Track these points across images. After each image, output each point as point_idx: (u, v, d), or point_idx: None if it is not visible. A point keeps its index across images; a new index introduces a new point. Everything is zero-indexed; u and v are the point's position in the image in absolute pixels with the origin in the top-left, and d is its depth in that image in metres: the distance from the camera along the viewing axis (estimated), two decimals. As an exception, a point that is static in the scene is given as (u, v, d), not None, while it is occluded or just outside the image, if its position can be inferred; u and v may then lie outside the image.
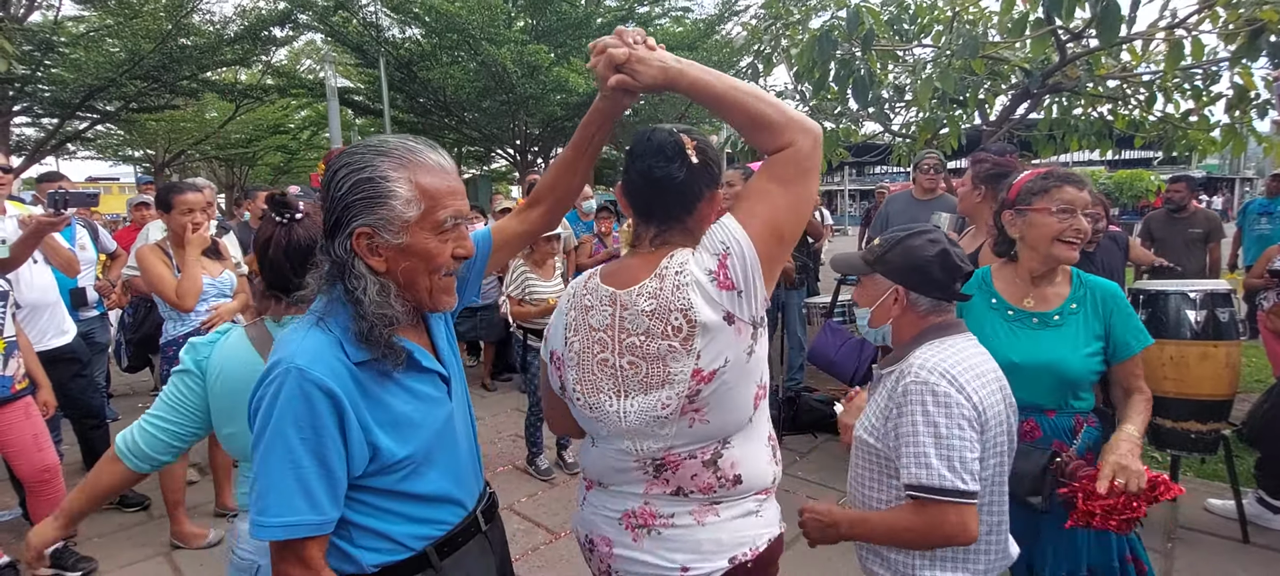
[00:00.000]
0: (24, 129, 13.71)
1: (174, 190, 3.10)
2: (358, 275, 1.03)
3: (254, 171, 22.82)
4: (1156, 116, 4.87)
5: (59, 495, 2.90)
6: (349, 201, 1.02)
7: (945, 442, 1.26)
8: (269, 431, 0.98)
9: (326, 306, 1.07)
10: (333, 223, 1.04)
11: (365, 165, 1.03)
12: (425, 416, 1.12)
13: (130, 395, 5.83)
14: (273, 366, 1.01)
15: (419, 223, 1.04)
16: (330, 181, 1.05)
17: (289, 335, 1.06)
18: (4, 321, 2.74)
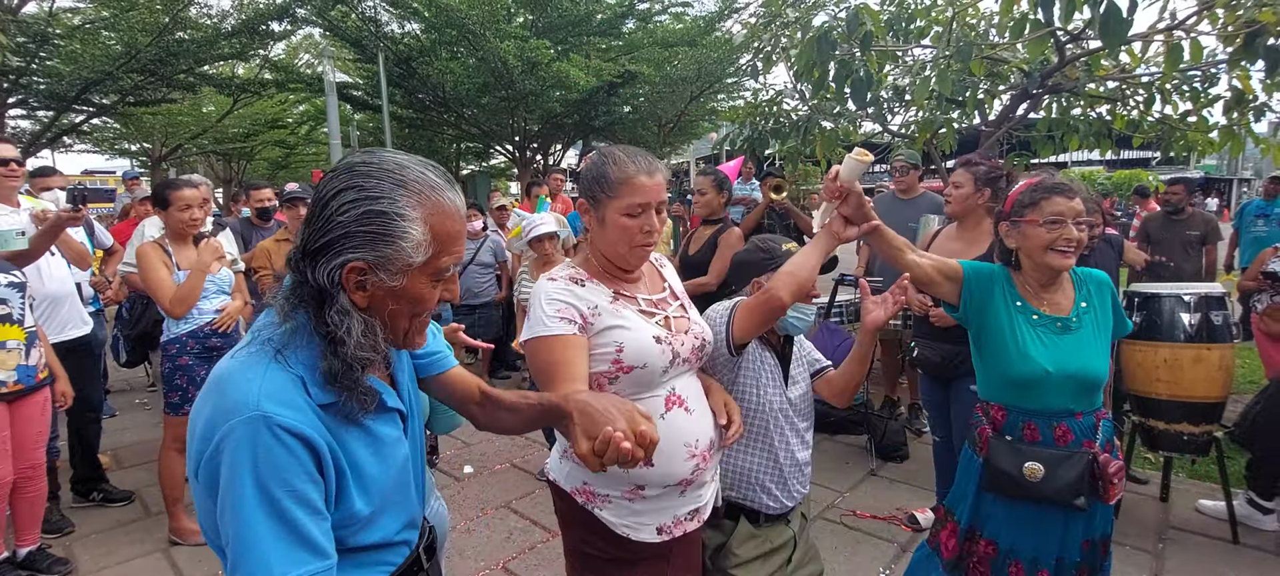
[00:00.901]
0: (19, 122, 13.65)
1: (172, 187, 3.10)
2: (341, 310, 0.91)
3: (252, 166, 22.75)
4: (1155, 117, 4.88)
5: (41, 493, 2.92)
6: (351, 231, 0.90)
7: None
8: (238, 486, 0.83)
9: (287, 337, 0.92)
10: (320, 244, 0.91)
11: (380, 195, 0.91)
12: (385, 462, 1.01)
13: (128, 391, 5.83)
14: (227, 408, 0.85)
15: (421, 268, 0.94)
16: (331, 199, 0.91)
17: (240, 370, 0.89)
18: (25, 312, 2.75)
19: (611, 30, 14.40)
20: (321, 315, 0.91)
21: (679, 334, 1.53)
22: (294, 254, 0.94)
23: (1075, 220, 1.73)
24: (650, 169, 1.47)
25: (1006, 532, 1.79)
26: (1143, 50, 4.74)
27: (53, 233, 2.91)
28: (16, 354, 2.70)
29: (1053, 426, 1.75)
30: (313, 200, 0.94)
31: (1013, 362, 1.75)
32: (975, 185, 2.77)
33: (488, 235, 5.74)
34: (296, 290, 0.93)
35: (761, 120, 5.59)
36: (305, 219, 0.95)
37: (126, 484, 3.78)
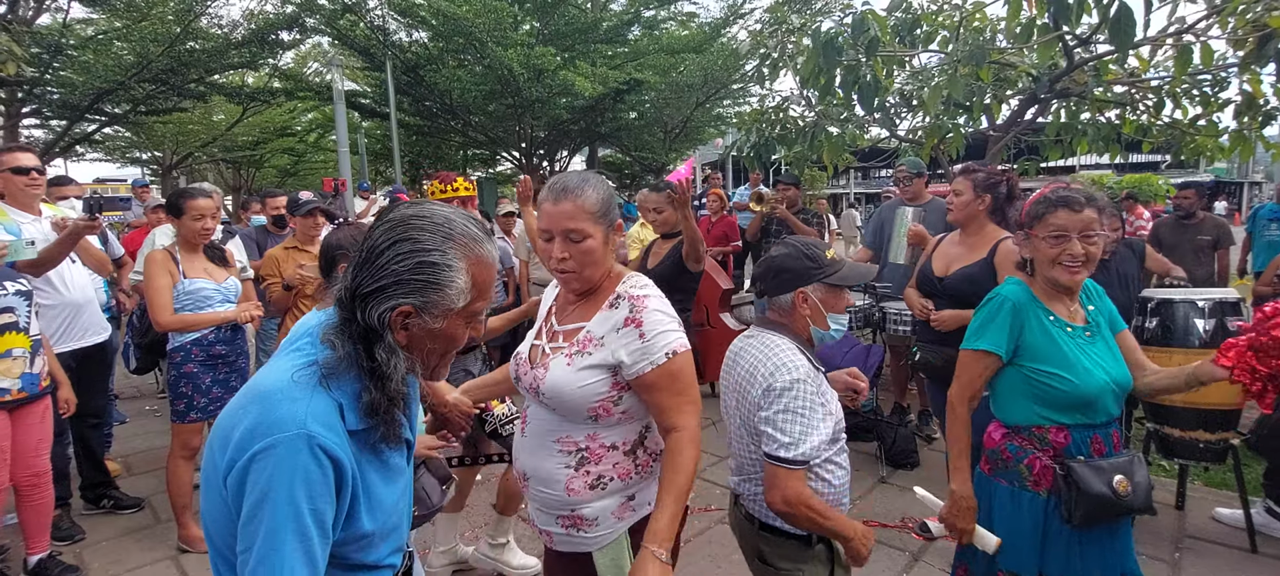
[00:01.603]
0: (33, 131, 13.82)
1: (186, 195, 3.12)
2: (388, 348, 0.98)
3: (261, 174, 22.93)
4: (1164, 121, 4.85)
5: (48, 501, 2.91)
6: (404, 278, 0.98)
7: None
8: (271, 500, 0.89)
9: (333, 365, 0.98)
10: (374, 289, 0.98)
11: (433, 248, 0.99)
12: (392, 489, 1.08)
13: (137, 398, 5.86)
14: (274, 421, 0.91)
15: (460, 312, 1.03)
16: (387, 248, 0.99)
17: (289, 388, 0.95)
18: (30, 320, 2.77)
19: (617, 37, 14.47)
20: (370, 351, 0.98)
21: (529, 365, 1.54)
22: (344, 293, 1.01)
23: (1084, 233, 1.68)
24: (558, 193, 1.43)
25: (1075, 567, 1.71)
26: (1152, 54, 4.73)
27: (69, 242, 2.93)
28: (21, 362, 2.71)
29: (1110, 435, 1.75)
30: (366, 247, 1.01)
31: (1080, 380, 1.68)
32: (974, 192, 2.77)
33: (494, 241, 5.75)
34: (345, 327, 1.00)
35: (768, 126, 5.59)
36: (357, 262, 1.01)
37: (136, 490, 3.80)
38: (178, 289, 3.03)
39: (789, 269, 1.65)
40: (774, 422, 1.51)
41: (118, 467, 4.11)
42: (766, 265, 1.69)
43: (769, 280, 1.68)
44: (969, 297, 2.75)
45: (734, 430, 1.68)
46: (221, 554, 0.98)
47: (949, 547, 3.06)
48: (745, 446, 1.65)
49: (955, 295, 2.82)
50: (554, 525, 1.52)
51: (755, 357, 1.60)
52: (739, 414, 1.63)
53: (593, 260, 1.45)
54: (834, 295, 1.65)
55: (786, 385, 1.52)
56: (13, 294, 2.69)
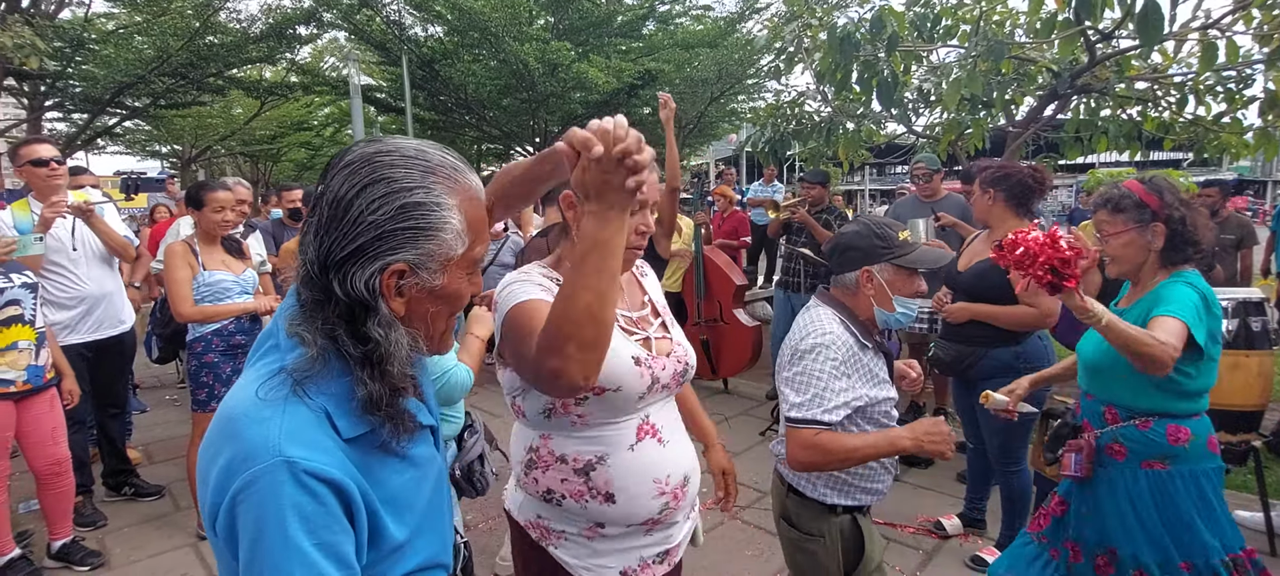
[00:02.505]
0: (55, 124, 14.04)
1: (207, 188, 3.17)
2: (384, 322, 0.78)
3: (278, 168, 23.17)
4: (1187, 118, 4.77)
5: (69, 488, 2.98)
6: (388, 229, 0.77)
7: None
8: (265, 544, 0.71)
9: (307, 366, 0.77)
10: (350, 251, 0.77)
11: (415, 186, 0.79)
12: (420, 485, 0.91)
13: (158, 387, 5.96)
14: (244, 456, 0.73)
15: (459, 260, 0.84)
16: (355, 195, 0.77)
17: (254, 409, 0.76)
18: (36, 313, 2.83)
19: (632, 32, 14.44)
20: (357, 333, 0.78)
21: (660, 357, 1.36)
22: (310, 266, 0.79)
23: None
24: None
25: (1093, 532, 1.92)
26: (1176, 50, 4.64)
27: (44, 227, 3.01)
28: (27, 354, 2.76)
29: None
30: (327, 201, 0.79)
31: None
32: (981, 188, 2.76)
33: (509, 235, 5.77)
34: (316, 311, 0.79)
35: (783, 121, 5.56)
36: (320, 223, 0.79)
37: (157, 478, 3.86)
38: (197, 280, 3.08)
39: (856, 246, 1.64)
40: (791, 382, 1.58)
41: (138, 455, 4.19)
42: (835, 242, 1.70)
43: (835, 257, 1.68)
44: (981, 293, 2.74)
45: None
46: None
47: (963, 548, 3.05)
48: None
49: (969, 290, 2.82)
50: (687, 523, 1.48)
51: (797, 325, 1.66)
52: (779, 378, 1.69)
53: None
54: (903, 277, 1.63)
55: (808, 348, 1.56)
56: (19, 287, 2.74)
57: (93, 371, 3.42)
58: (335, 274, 0.77)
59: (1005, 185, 2.63)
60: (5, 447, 2.75)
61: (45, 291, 3.12)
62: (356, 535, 0.78)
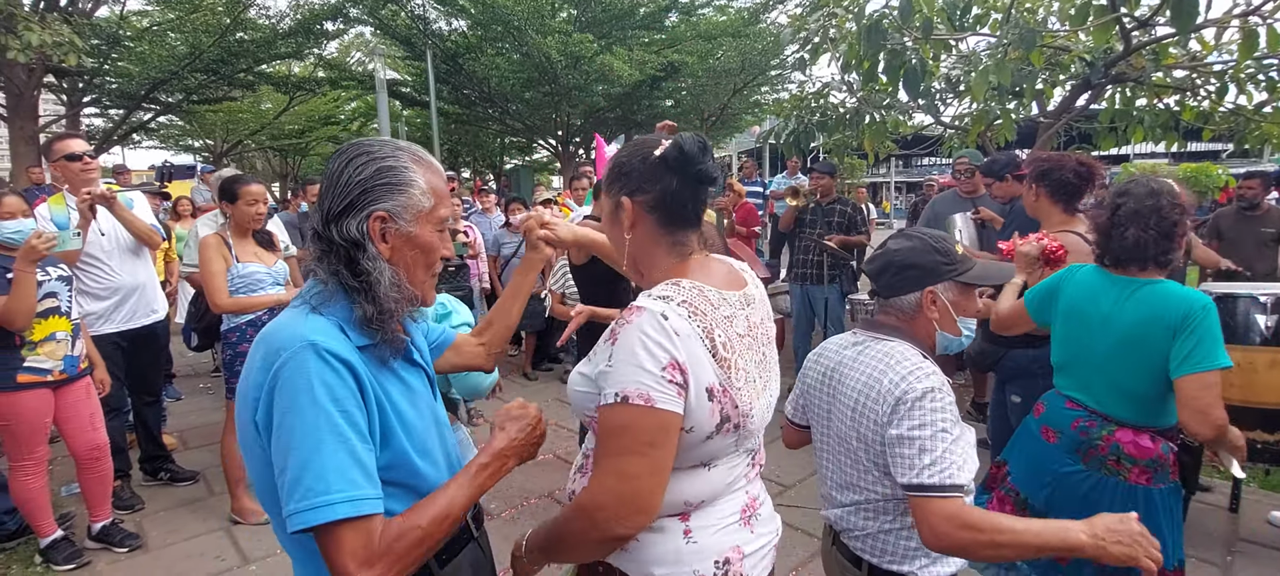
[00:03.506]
0: (93, 120, 14.43)
1: (240, 182, 3.25)
2: (371, 257, 1.02)
3: (306, 162, 23.56)
4: (1227, 108, 4.62)
5: (108, 472, 3.09)
6: (370, 185, 1.03)
7: None
8: (297, 408, 0.91)
9: (321, 295, 1.03)
10: (345, 205, 1.03)
11: (386, 156, 1.06)
12: (418, 410, 1.11)
13: (192, 376, 6.13)
14: (277, 348, 0.95)
15: (427, 215, 1.08)
16: (345, 167, 1.04)
17: (283, 321, 1.01)
18: (71, 305, 2.92)
19: (655, 23, 14.39)
20: (354, 267, 1.02)
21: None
22: (317, 225, 1.05)
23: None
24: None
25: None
26: (1217, 37, 4.50)
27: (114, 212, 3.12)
28: (64, 344, 2.86)
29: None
30: (326, 176, 1.06)
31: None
32: (1028, 183, 2.69)
33: (532, 228, 5.80)
34: (325, 256, 1.04)
35: (807, 113, 5.50)
36: (321, 192, 1.06)
37: (191, 464, 3.98)
38: (231, 272, 3.15)
39: (917, 265, 1.41)
40: (913, 441, 1.24)
41: (174, 441, 4.31)
42: (885, 260, 1.44)
43: (888, 277, 1.43)
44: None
45: (838, 453, 1.44)
46: (275, 506, 0.98)
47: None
48: (862, 474, 1.39)
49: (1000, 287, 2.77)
50: None
51: (873, 367, 1.35)
52: (855, 434, 1.37)
53: (611, 237, 1.21)
54: (965, 295, 1.44)
55: (921, 393, 1.26)
56: (55, 279, 2.84)
57: (128, 360, 3.52)
58: (334, 225, 1.02)
59: (1048, 181, 2.51)
60: (45, 433, 2.86)
61: (80, 283, 3.22)
62: (369, 414, 0.98)
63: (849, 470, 1.42)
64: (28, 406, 2.77)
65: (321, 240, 1.04)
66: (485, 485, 1.10)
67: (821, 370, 1.50)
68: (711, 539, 1.11)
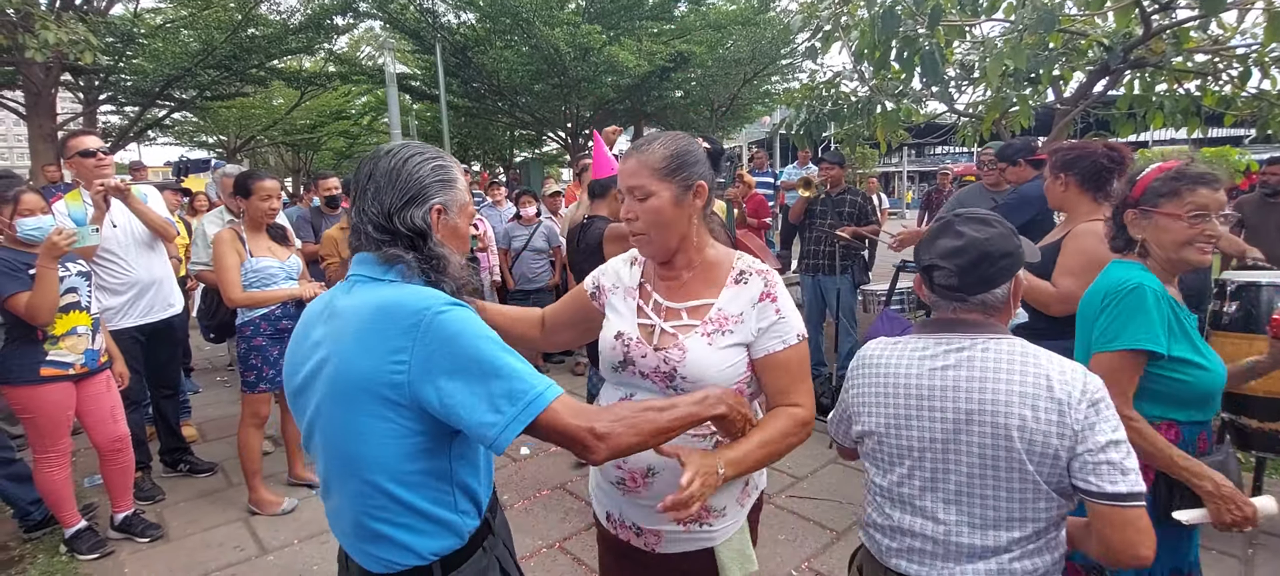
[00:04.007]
0: (109, 117, 14.61)
1: (253, 177, 3.27)
2: (438, 243, 1.14)
3: (318, 156, 23.74)
4: (1250, 93, 4.52)
5: (129, 463, 3.13)
6: (428, 181, 1.14)
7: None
8: (475, 342, 1.02)
9: (403, 273, 1.11)
10: (407, 199, 1.12)
11: (436, 155, 1.18)
12: None
13: (209, 370, 6.20)
14: (421, 308, 1.03)
15: (464, 208, 1.21)
16: (404, 164, 1.13)
17: (406, 289, 1.08)
18: (91, 300, 2.96)
19: (663, 13, 14.32)
20: (423, 253, 1.12)
21: (647, 346, 1.37)
22: (378, 218, 1.11)
23: (1219, 213, 1.57)
24: (627, 152, 1.38)
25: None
26: (1240, 20, 4.40)
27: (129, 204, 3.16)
28: (85, 339, 2.90)
29: (1212, 428, 1.67)
30: (384, 172, 1.13)
31: (1210, 373, 1.58)
32: (1053, 173, 2.62)
33: (541, 221, 5.82)
34: (391, 245, 1.11)
35: (818, 102, 5.45)
36: (379, 187, 1.12)
37: (210, 456, 4.03)
38: (245, 267, 3.18)
39: (1010, 251, 1.24)
40: (1120, 445, 1.13)
41: (194, 433, 4.37)
42: (978, 252, 1.23)
43: (984, 269, 1.24)
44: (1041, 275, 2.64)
45: (984, 484, 1.20)
46: (383, 468, 1.05)
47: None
48: (1030, 501, 1.18)
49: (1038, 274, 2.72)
50: (669, 525, 1.40)
51: (1017, 373, 1.18)
52: (1018, 456, 1.16)
53: (661, 221, 1.34)
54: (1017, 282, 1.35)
55: (1103, 395, 1.16)
56: (75, 275, 2.88)
57: (145, 354, 3.56)
58: (398, 217, 1.11)
59: (1078, 168, 2.40)
60: (67, 426, 2.90)
61: (98, 278, 3.26)
62: None
63: (1007, 501, 1.19)
64: (51, 399, 2.82)
65: (382, 232, 1.11)
66: (699, 414, 1.17)
67: (908, 390, 1.27)
68: None
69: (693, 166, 1.35)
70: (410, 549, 1.09)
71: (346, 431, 1.06)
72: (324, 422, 1.10)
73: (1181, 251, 1.59)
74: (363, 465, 1.06)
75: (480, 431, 1.00)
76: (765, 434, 1.28)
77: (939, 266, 1.26)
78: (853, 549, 1.49)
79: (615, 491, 1.45)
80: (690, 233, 1.38)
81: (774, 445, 1.28)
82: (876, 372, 1.33)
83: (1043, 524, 1.19)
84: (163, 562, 2.98)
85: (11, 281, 2.68)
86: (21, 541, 3.13)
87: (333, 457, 1.11)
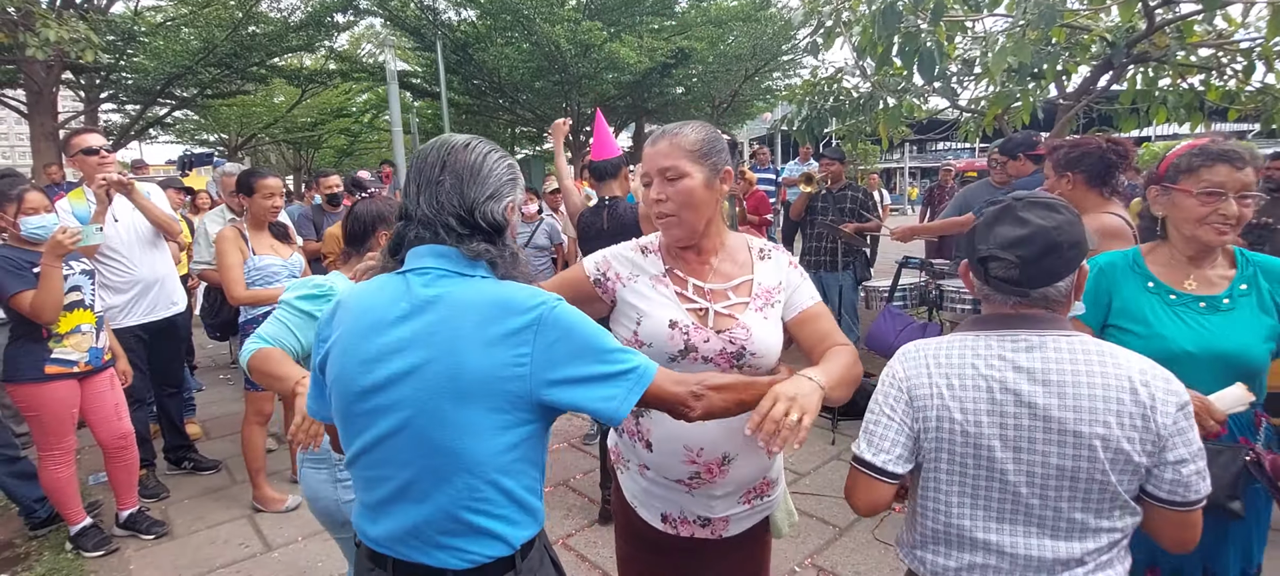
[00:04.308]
0: (111, 116, 14.62)
1: (257, 175, 3.27)
2: (511, 237, 1.19)
3: (319, 154, 23.74)
4: (1254, 87, 4.51)
5: (134, 461, 3.14)
6: (505, 178, 1.17)
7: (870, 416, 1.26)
8: (584, 333, 1.08)
9: (489, 271, 1.16)
10: (491, 193, 1.14)
11: (506, 154, 1.22)
12: None
13: (212, 368, 6.21)
14: (534, 299, 1.09)
15: (519, 208, 1.25)
16: (483, 159, 1.15)
17: (512, 286, 1.14)
18: (94, 298, 2.97)
19: (664, 9, 14.29)
20: (499, 246, 1.15)
21: (707, 330, 1.38)
22: (460, 211, 1.12)
23: (1240, 193, 1.51)
24: (657, 136, 1.41)
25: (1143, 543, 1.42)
26: (1243, 14, 4.39)
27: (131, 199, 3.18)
28: (89, 337, 2.91)
29: (1246, 423, 1.57)
30: (465, 167, 1.13)
31: (1149, 338, 1.55)
32: (1056, 172, 2.61)
33: (542, 218, 5.81)
34: (470, 237, 1.13)
35: (820, 98, 5.45)
36: (457, 184, 1.12)
37: (214, 454, 4.04)
38: (248, 265, 3.18)
39: (1077, 241, 1.15)
40: (1201, 450, 1.11)
41: (198, 431, 4.38)
42: (1047, 242, 1.12)
43: (1052, 260, 1.13)
44: None
45: (1057, 492, 1.11)
46: (491, 461, 1.06)
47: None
48: (1104, 511, 1.12)
49: None
50: (737, 506, 1.45)
51: (1097, 371, 1.10)
52: (1100, 462, 1.08)
53: (692, 202, 1.35)
54: None
55: (1187, 398, 1.11)
56: (79, 273, 2.89)
57: (149, 352, 3.57)
58: (478, 211, 1.13)
59: (1084, 165, 2.37)
60: (72, 423, 2.91)
61: (101, 276, 3.26)
62: None
63: (1083, 512, 1.11)
64: (56, 397, 2.83)
65: (463, 224, 1.13)
66: (759, 392, 1.19)
67: (976, 395, 1.15)
68: None
69: (721, 153, 1.40)
70: (503, 539, 1.09)
71: (457, 428, 1.04)
72: (422, 423, 1.05)
73: (1194, 229, 1.55)
74: (469, 459, 1.05)
75: (601, 408, 1.07)
76: (841, 359, 1.34)
77: (998, 257, 1.14)
78: (855, 545, 1.49)
79: (678, 489, 1.44)
80: (715, 216, 1.43)
81: (851, 369, 1.34)
82: (935, 372, 1.19)
83: (1119, 535, 1.13)
84: (168, 559, 2.99)
85: (16, 280, 2.69)
86: (27, 539, 3.14)
87: (429, 457, 1.06)
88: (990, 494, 1.15)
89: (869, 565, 2.77)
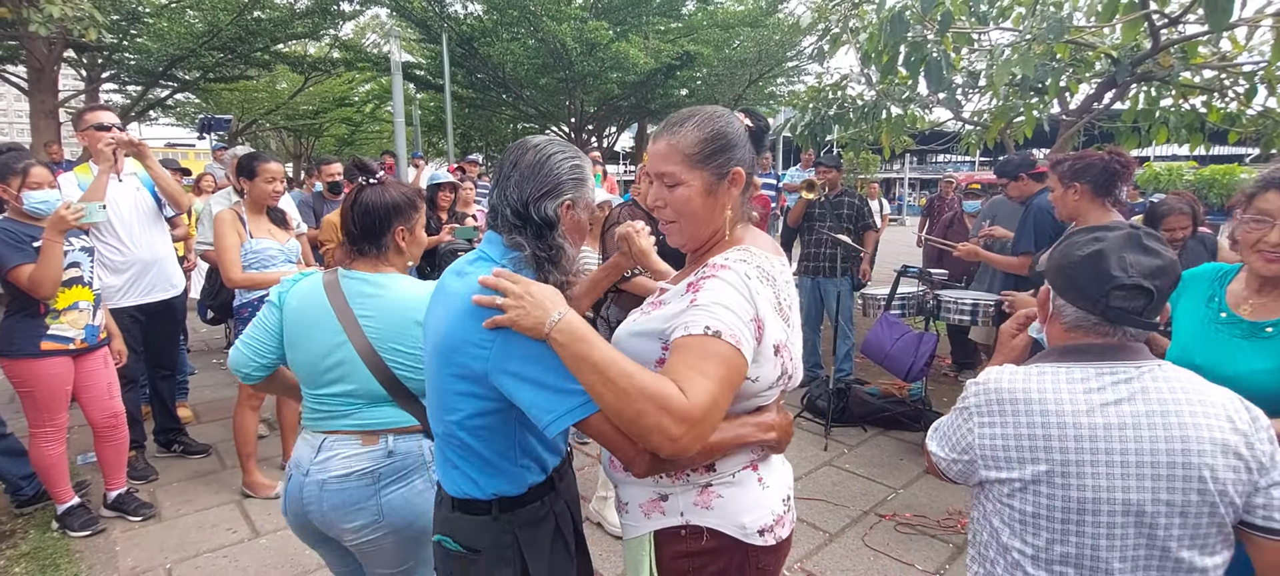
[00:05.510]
0: (112, 96, 14.55)
1: (258, 159, 3.26)
2: (561, 235, 1.21)
3: (320, 142, 23.69)
4: (1256, 110, 4.53)
5: (124, 441, 3.13)
6: (565, 177, 1.21)
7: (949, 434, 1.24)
8: (538, 354, 1.11)
9: (518, 261, 1.19)
10: (546, 190, 1.20)
11: (575, 155, 1.26)
12: None
13: (205, 352, 6.18)
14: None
15: (587, 206, 1.28)
16: (548, 159, 1.21)
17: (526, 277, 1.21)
18: (93, 276, 2.95)
19: (671, 11, 14.31)
20: (546, 242, 1.19)
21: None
22: (516, 204, 1.19)
23: None
24: (659, 131, 1.24)
25: None
26: (1247, 37, 4.41)
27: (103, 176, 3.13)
28: (86, 314, 2.89)
29: None
30: (528, 163, 1.21)
31: (1179, 358, 1.58)
32: (1062, 184, 2.63)
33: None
34: (520, 232, 1.20)
35: (824, 105, 5.45)
36: (521, 177, 1.20)
37: (204, 438, 4.02)
38: (245, 248, 3.17)
39: (1181, 274, 1.18)
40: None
41: (189, 414, 4.36)
42: (1172, 273, 1.12)
43: (1169, 293, 1.14)
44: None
45: (1137, 537, 1.06)
46: (459, 420, 1.18)
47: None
48: (1200, 548, 1.07)
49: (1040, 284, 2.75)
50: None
51: (1198, 402, 1.07)
52: (1192, 503, 1.04)
53: (689, 212, 1.20)
54: None
55: (1268, 423, 1.09)
56: (78, 250, 2.87)
57: (144, 333, 3.55)
58: (533, 206, 1.19)
59: (1090, 175, 2.42)
60: (65, 400, 2.90)
61: (100, 255, 3.25)
62: None
63: (1189, 550, 1.06)
64: (50, 373, 2.81)
65: (517, 217, 1.20)
66: (748, 438, 1.18)
67: (1078, 431, 1.07)
68: (776, 479, 1.27)
69: (729, 151, 1.20)
70: (474, 482, 1.23)
71: (441, 388, 1.21)
72: (430, 375, 1.24)
73: (1246, 255, 1.54)
74: (448, 413, 1.21)
75: (536, 416, 1.10)
76: (612, 354, 1.05)
77: (1142, 287, 1.09)
78: (845, 551, 1.42)
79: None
80: (724, 224, 1.23)
81: (629, 373, 1.01)
82: (1030, 410, 1.10)
83: (1221, 571, 1.08)
84: (154, 542, 2.97)
85: (15, 253, 2.67)
86: (13, 516, 3.12)
87: (432, 403, 1.27)
88: (1095, 543, 1.08)
89: (859, 571, 2.77)
